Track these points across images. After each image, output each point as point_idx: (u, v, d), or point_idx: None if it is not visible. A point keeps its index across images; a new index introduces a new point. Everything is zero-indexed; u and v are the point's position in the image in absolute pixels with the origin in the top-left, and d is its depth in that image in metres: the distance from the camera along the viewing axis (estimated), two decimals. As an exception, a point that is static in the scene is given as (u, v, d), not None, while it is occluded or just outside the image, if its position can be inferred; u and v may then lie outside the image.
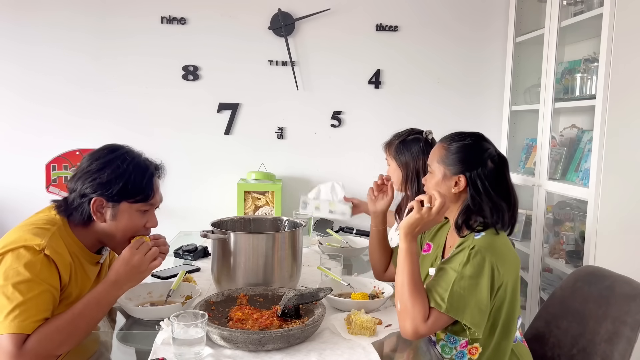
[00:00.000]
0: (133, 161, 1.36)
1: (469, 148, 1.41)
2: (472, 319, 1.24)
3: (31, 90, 2.81)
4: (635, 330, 1.40)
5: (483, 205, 1.37)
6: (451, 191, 1.40)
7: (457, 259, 1.31)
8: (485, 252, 1.28)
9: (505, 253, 1.33)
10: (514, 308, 1.35)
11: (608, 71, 2.05)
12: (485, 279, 1.26)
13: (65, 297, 1.29)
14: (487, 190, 1.37)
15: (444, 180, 1.41)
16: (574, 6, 2.37)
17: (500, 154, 1.43)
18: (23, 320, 1.14)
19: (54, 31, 2.78)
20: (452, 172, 1.40)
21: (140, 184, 1.35)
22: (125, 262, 1.29)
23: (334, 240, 2.27)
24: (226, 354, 1.19)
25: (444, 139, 1.47)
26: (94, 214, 1.31)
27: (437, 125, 2.95)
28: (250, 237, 1.56)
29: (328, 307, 1.44)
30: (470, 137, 1.43)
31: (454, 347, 1.36)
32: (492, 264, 1.28)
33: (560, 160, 2.52)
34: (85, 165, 1.34)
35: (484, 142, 1.44)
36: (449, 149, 1.42)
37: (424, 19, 2.93)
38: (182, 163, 2.92)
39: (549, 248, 2.56)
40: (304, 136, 2.97)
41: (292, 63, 2.88)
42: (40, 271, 1.19)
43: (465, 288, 1.25)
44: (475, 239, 1.33)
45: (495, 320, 1.33)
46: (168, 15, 2.82)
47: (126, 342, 1.35)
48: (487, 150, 1.41)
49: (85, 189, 1.31)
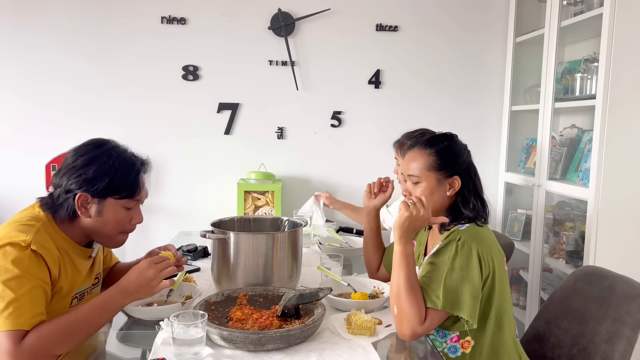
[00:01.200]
0: (119, 157, 1.33)
1: (452, 149, 1.44)
2: (469, 311, 1.26)
3: (31, 92, 2.81)
4: (635, 331, 1.40)
5: (471, 202, 1.41)
6: (446, 195, 1.42)
7: (446, 252, 1.33)
8: (471, 242, 1.31)
9: (490, 243, 1.36)
10: (504, 300, 1.37)
11: (608, 71, 2.05)
12: (475, 266, 1.29)
13: (57, 292, 1.27)
14: (475, 186, 1.44)
15: (438, 185, 1.41)
16: (574, 6, 2.37)
17: (466, 146, 1.49)
18: (18, 317, 1.13)
19: (53, 33, 2.78)
20: (445, 175, 1.41)
21: (127, 180, 1.33)
22: (139, 272, 1.29)
23: (334, 240, 2.27)
24: (226, 354, 1.18)
25: (419, 145, 1.45)
26: (78, 209, 1.29)
27: (437, 125, 2.96)
28: (250, 237, 1.56)
29: (328, 307, 1.44)
30: (446, 138, 1.46)
31: (444, 341, 1.37)
32: (479, 252, 1.30)
33: (560, 160, 2.52)
34: (71, 160, 1.32)
35: (456, 138, 1.48)
36: (433, 153, 1.42)
37: (424, 19, 2.93)
38: (182, 163, 2.92)
39: (549, 248, 2.56)
40: (304, 136, 2.97)
41: (292, 63, 2.88)
42: (29, 267, 1.18)
43: (457, 280, 1.28)
44: (461, 229, 1.36)
45: (485, 312, 1.34)
46: (168, 15, 2.82)
47: (126, 342, 1.35)
48: (464, 147, 1.47)
49: (70, 184, 1.29)
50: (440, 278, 1.28)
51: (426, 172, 1.42)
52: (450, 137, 1.47)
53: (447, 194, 1.42)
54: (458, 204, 1.42)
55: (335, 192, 3.00)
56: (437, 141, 1.45)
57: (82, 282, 1.37)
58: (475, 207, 1.41)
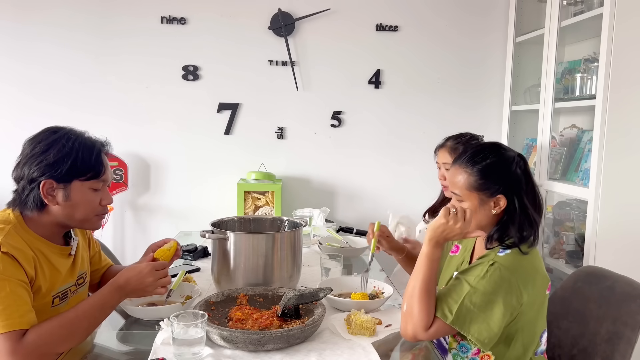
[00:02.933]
0: (78, 139, 1.31)
1: (496, 166, 1.33)
2: (479, 335, 1.21)
3: (31, 93, 2.80)
4: (635, 331, 1.40)
5: (520, 220, 1.31)
6: (492, 213, 1.33)
7: (474, 271, 1.27)
8: (505, 271, 1.24)
9: (531, 273, 1.29)
10: (536, 324, 1.32)
11: (608, 71, 2.05)
12: (501, 297, 1.22)
13: (35, 291, 1.26)
14: (524, 204, 1.32)
15: (481, 205, 1.32)
16: (574, 6, 2.36)
17: (519, 155, 1.37)
18: (7, 319, 1.13)
19: (54, 31, 2.78)
20: (488, 195, 1.32)
21: (90, 160, 1.31)
22: (139, 276, 1.30)
23: (334, 240, 2.27)
24: (226, 354, 1.18)
25: (461, 162, 1.36)
26: (45, 197, 1.27)
27: (438, 125, 2.97)
28: (250, 237, 1.56)
29: (328, 307, 1.43)
30: (490, 151, 1.35)
31: (465, 356, 1.34)
32: (514, 283, 1.23)
33: (560, 160, 2.52)
34: (29, 150, 1.29)
35: (502, 150, 1.36)
36: (475, 172, 1.32)
37: (424, 19, 2.93)
38: (182, 163, 2.92)
39: (549, 248, 2.56)
40: (304, 136, 2.96)
41: (292, 63, 2.88)
42: (4, 269, 1.17)
43: (476, 304, 1.22)
44: (498, 255, 1.28)
45: (510, 334, 1.29)
46: (168, 15, 2.82)
47: (126, 342, 1.35)
48: (512, 159, 1.34)
49: (32, 173, 1.26)
50: (460, 295, 1.23)
51: (467, 192, 1.33)
52: (495, 151, 1.35)
53: (492, 212, 1.33)
54: (507, 221, 1.32)
55: (335, 192, 3.00)
56: (480, 158, 1.34)
57: (63, 281, 1.36)
58: (523, 227, 1.30)
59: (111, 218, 2.89)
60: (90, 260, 1.56)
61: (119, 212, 2.92)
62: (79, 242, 1.46)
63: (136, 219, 2.95)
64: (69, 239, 1.41)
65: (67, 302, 1.38)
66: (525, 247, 1.30)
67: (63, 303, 1.36)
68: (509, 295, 1.23)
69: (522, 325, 1.29)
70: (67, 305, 1.37)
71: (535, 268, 1.31)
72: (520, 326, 1.29)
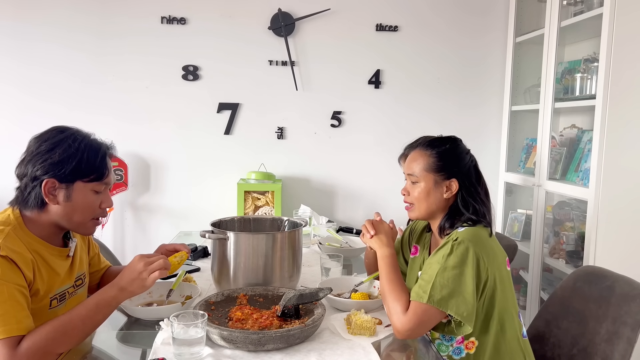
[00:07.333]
0: (84, 140, 1.31)
1: (453, 152, 1.45)
2: (457, 308, 1.25)
3: (31, 93, 2.81)
4: (635, 331, 1.39)
5: (471, 206, 1.41)
6: (443, 197, 1.43)
7: (441, 252, 1.34)
8: (468, 242, 1.31)
9: (490, 244, 1.36)
10: (506, 301, 1.36)
11: (608, 71, 2.05)
12: (470, 268, 1.28)
13: (33, 294, 1.25)
14: (476, 191, 1.43)
15: (435, 187, 1.43)
16: (574, 6, 2.37)
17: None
18: (5, 325, 1.12)
19: (54, 31, 2.78)
20: (443, 177, 1.42)
21: (94, 162, 1.30)
22: (130, 266, 1.29)
23: (334, 240, 2.27)
24: (226, 354, 1.18)
25: (421, 145, 1.48)
26: (46, 196, 1.26)
27: (438, 124, 2.97)
28: (250, 237, 1.56)
29: (328, 307, 1.44)
30: (449, 141, 1.47)
31: (450, 344, 1.37)
32: (476, 253, 1.30)
33: (560, 160, 2.52)
34: (34, 147, 1.28)
35: (459, 142, 1.49)
36: (434, 154, 1.44)
37: (424, 19, 2.93)
38: (182, 163, 2.92)
39: (549, 248, 2.56)
40: (304, 136, 2.97)
41: (292, 63, 2.88)
42: (3, 273, 1.16)
43: (448, 279, 1.27)
44: (459, 231, 1.36)
45: (488, 313, 1.34)
46: (168, 15, 2.82)
47: (126, 342, 1.35)
48: (467, 151, 1.48)
49: (36, 171, 1.25)
50: (432, 276, 1.28)
51: (425, 172, 1.44)
52: (453, 140, 1.48)
53: (444, 196, 1.43)
54: (458, 207, 1.42)
55: (335, 192, 3.00)
56: (439, 143, 1.46)
57: (61, 283, 1.35)
58: (478, 212, 1.40)
59: (111, 218, 2.90)
60: (89, 262, 1.56)
61: (119, 212, 2.92)
62: (78, 243, 1.45)
63: (136, 219, 2.95)
64: (68, 240, 1.40)
65: (65, 304, 1.37)
66: (481, 227, 1.39)
67: (61, 305, 1.35)
68: (475, 263, 1.29)
69: (495, 304, 1.34)
70: (65, 307, 1.36)
71: (493, 241, 1.40)
72: (494, 305, 1.34)
